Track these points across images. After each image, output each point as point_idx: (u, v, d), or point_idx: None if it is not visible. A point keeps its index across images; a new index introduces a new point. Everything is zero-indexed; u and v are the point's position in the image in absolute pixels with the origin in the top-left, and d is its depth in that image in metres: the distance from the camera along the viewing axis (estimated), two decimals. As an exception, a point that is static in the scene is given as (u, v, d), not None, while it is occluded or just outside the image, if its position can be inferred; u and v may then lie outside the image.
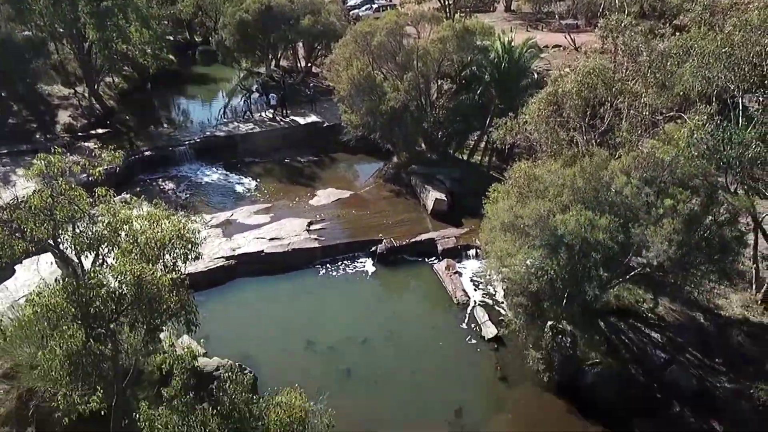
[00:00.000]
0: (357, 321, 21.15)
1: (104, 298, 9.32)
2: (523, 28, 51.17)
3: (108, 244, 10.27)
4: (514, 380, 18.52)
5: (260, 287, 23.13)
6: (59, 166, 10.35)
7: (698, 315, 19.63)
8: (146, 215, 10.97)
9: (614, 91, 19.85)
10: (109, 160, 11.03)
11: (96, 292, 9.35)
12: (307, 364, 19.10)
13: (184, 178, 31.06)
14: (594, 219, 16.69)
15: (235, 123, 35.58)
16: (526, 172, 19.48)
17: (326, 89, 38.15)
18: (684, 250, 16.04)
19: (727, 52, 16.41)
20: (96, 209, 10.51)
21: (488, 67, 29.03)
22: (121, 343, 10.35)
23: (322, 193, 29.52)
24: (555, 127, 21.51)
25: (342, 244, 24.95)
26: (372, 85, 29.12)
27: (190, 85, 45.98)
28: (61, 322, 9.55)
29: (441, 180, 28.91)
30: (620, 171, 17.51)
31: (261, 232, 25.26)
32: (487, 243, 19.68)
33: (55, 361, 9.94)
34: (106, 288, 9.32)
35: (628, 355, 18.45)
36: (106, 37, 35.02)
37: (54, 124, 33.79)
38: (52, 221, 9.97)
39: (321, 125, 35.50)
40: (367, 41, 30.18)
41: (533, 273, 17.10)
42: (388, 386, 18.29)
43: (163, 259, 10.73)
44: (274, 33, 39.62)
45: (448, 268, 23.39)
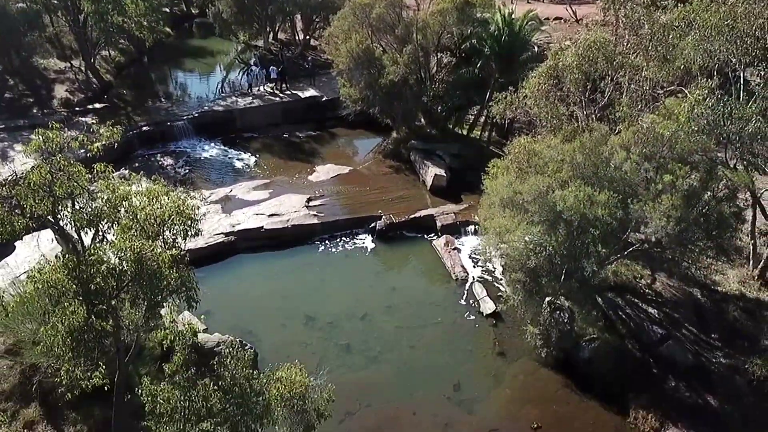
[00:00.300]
0: (356, 297, 21.28)
1: (105, 274, 9.35)
2: (524, 1, 50.49)
3: (107, 220, 10.27)
4: (511, 355, 18.71)
5: (260, 263, 23.22)
6: (57, 142, 10.29)
7: (695, 291, 19.77)
8: (145, 191, 10.95)
9: (615, 65, 19.65)
10: (108, 136, 10.95)
11: (96, 269, 9.39)
12: (307, 340, 19.28)
13: (183, 154, 30.93)
14: (593, 195, 16.69)
15: (233, 97, 35.29)
16: (525, 147, 19.41)
17: (325, 63, 37.77)
18: (682, 226, 16.06)
19: (729, 25, 16.20)
20: (95, 185, 10.47)
21: (488, 40, 28.70)
22: (122, 320, 10.42)
23: (321, 168, 29.43)
24: (555, 102, 21.36)
25: (341, 220, 24.98)
26: (371, 58, 28.82)
27: (187, 59, 45.50)
28: (62, 298, 9.61)
29: (440, 155, 28.82)
30: (620, 146, 17.45)
31: (260, 208, 25.25)
32: (486, 219, 19.67)
33: (57, 337, 10.03)
34: (107, 264, 9.35)
35: (624, 331, 18.63)
36: (102, 9, 34.46)
37: (51, 98, 33.53)
38: (51, 197, 9.95)
39: (320, 99, 35.25)
40: (366, 13, 29.76)
41: (532, 249, 17.13)
42: (388, 361, 18.49)
43: (162, 235, 10.76)
44: (272, 5, 39.07)
45: (447, 244, 23.46)
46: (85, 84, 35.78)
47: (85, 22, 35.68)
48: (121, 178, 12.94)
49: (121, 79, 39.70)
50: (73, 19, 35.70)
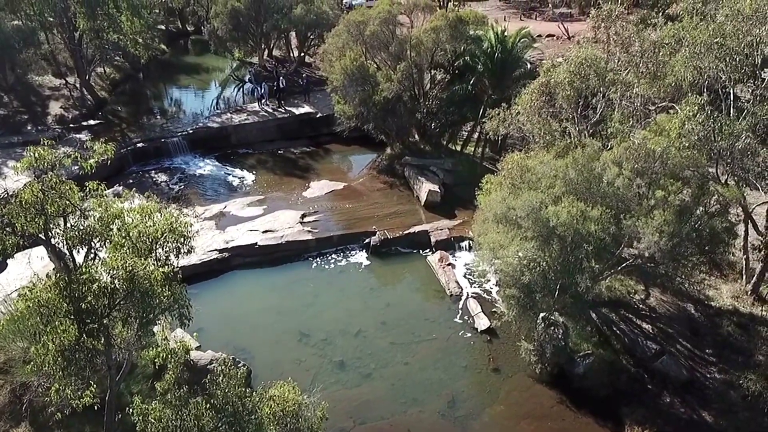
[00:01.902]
0: (351, 313, 21.21)
1: (97, 293, 9.30)
2: (516, 18, 51.09)
3: (100, 238, 10.24)
4: (506, 371, 18.65)
5: (254, 280, 23.15)
6: (49, 160, 10.29)
7: (689, 306, 19.80)
8: (138, 208, 10.93)
9: (606, 82, 19.82)
10: (101, 152, 10.95)
11: (88, 287, 9.34)
12: (301, 356, 19.18)
13: (177, 170, 30.94)
14: (586, 210, 16.77)
15: (228, 114, 35.41)
16: (518, 163, 19.54)
17: (319, 79, 37.99)
18: (675, 241, 16.13)
19: (719, 42, 16.40)
20: (87, 203, 10.45)
21: (481, 57, 28.95)
22: (114, 338, 10.35)
23: (315, 184, 29.48)
24: (547, 118, 21.50)
25: (335, 236, 24.96)
26: (365, 75, 29.04)
27: (183, 75, 45.72)
28: (53, 317, 9.55)
29: (434, 171, 28.93)
30: (612, 162, 17.56)
31: (254, 225, 25.24)
32: (479, 235, 19.71)
33: (48, 355, 9.94)
34: (99, 283, 9.31)
35: (619, 346, 18.60)
36: (97, 27, 34.75)
37: (45, 115, 33.56)
38: (43, 215, 9.92)
39: (314, 116, 35.38)
40: (360, 31, 30.04)
41: (525, 264, 17.15)
42: (382, 377, 18.39)
43: (155, 253, 10.73)
44: (267, 22, 39.36)
45: (442, 260, 23.46)
46: (79, 101, 35.86)
47: (81, 39, 35.88)
48: (114, 195, 12.94)
49: (116, 95, 39.81)
50: (69, 37, 35.89)
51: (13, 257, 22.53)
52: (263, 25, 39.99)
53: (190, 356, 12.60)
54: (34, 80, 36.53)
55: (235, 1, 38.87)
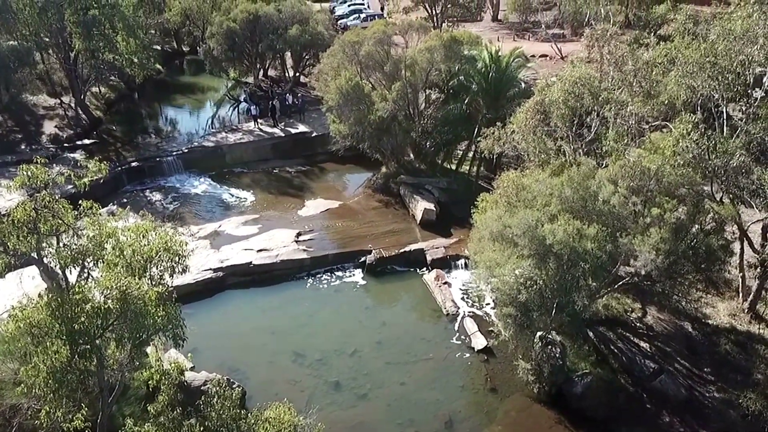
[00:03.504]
0: (346, 332, 21.02)
1: (90, 313, 9.15)
2: (509, 38, 51.54)
3: (93, 257, 10.12)
4: (504, 391, 18.46)
5: (249, 299, 22.96)
6: (42, 178, 10.19)
7: (686, 324, 19.71)
8: (133, 228, 10.82)
9: (600, 100, 19.96)
10: (95, 171, 10.86)
11: (81, 308, 9.19)
12: (296, 377, 18.95)
13: (172, 189, 30.83)
14: (582, 228, 16.76)
15: (223, 133, 35.44)
16: (514, 181, 19.58)
17: (314, 99, 38.12)
18: (671, 259, 16.14)
19: (711, 61, 16.56)
20: (81, 222, 10.34)
21: (476, 77, 29.13)
22: (107, 359, 10.17)
23: (310, 203, 29.42)
24: (542, 137, 21.59)
25: (331, 254, 24.85)
26: (360, 94, 29.11)
27: (178, 95, 45.81)
28: (45, 338, 9.38)
29: (429, 190, 28.94)
30: (608, 180, 17.62)
31: (249, 244, 25.10)
32: (475, 253, 19.67)
33: (39, 377, 9.74)
34: (92, 303, 9.16)
35: (617, 365, 18.48)
36: (93, 47, 34.86)
37: (40, 134, 33.50)
38: (35, 235, 9.80)
39: (309, 135, 35.44)
40: (355, 51, 30.25)
41: (522, 283, 17.09)
42: (378, 398, 18.17)
43: (149, 272, 10.61)
44: (262, 42, 39.56)
45: (438, 278, 23.34)
46: (74, 120, 35.83)
47: (76, 58, 35.96)
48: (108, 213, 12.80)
49: (111, 115, 39.83)
50: (64, 57, 35.97)
51: (4, 277, 22.37)
52: (258, 46, 40.19)
53: (184, 377, 12.37)
54: (28, 100, 36.50)
55: (230, 22, 39.09)
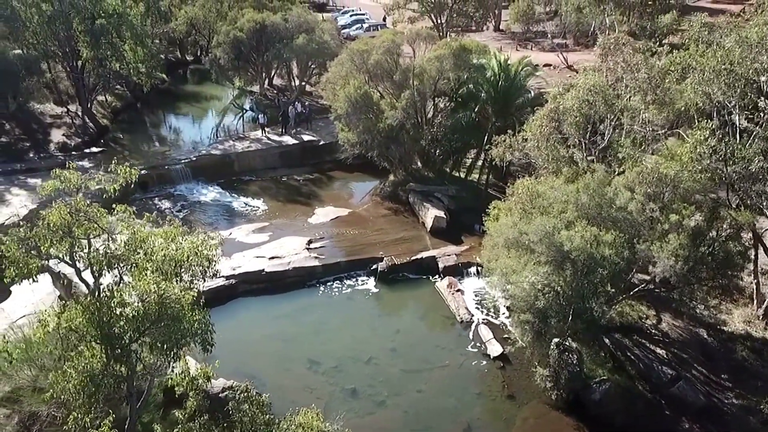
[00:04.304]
0: (360, 340, 20.98)
1: (129, 317, 9.11)
2: (512, 48, 51.86)
3: (126, 262, 10.10)
4: (521, 398, 18.41)
5: (261, 306, 22.90)
6: (75, 182, 10.19)
7: (701, 331, 19.73)
8: (162, 232, 10.82)
9: (614, 108, 20.07)
10: (125, 176, 10.88)
11: (121, 311, 9.15)
12: (312, 384, 18.89)
13: (181, 197, 30.82)
14: (599, 235, 16.82)
15: (230, 141, 35.51)
16: (529, 188, 19.64)
17: (320, 108, 38.25)
18: (690, 264, 16.18)
19: (726, 69, 16.68)
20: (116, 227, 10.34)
21: (485, 85, 29.28)
22: (141, 363, 10.12)
23: (320, 211, 29.44)
24: (555, 144, 21.68)
25: (343, 262, 24.83)
26: (369, 103, 29.22)
27: (183, 104, 45.91)
28: (81, 342, 9.34)
29: (439, 198, 28.98)
30: (624, 187, 17.70)
31: (261, 251, 25.07)
32: (489, 260, 19.69)
33: (71, 383, 9.68)
34: (132, 307, 9.12)
35: (634, 372, 18.46)
36: (101, 55, 35.00)
37: (47, 142, 33.52)
38: (69, 239, 9.79)
39: (317, 144, 35.53)
40: (364, 59, 30.34)
41: (540, 289, 17.12)
42: (396, 405, 18.11)
43: (180, 276, 10.59)
44: (269, 51, 39.72)
45: (450, 286, 23.33)
46: (81, 128, 35.87)
47: (83, 67, 36.06)
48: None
49: (117, 123, 39.88)
50: (71, 65, 36.08)
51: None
52: (265, 54, 40.35)
53: (210, 383, 12.32)
54: (35, 108, 36.52)
55: (237, 31, 39.25)
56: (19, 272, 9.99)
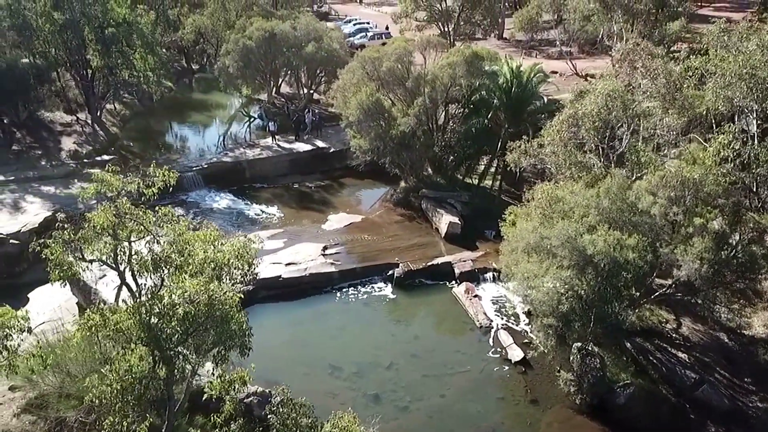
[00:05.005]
0: (380, 345, 20.96)
1: (179, 317, 9.09)
2: (517, 56, 52.10)
3: (171, 264, 10.10)
4: (544, 403, 18.37)
5: (279, 312, 22.86)
6: (116, 185, 10.22)
7: (722, 335, 19.75)
8: (201, 235, 10.84)
9: (632, 113, 20.18)
10: (163, 179, 10.91)
11: (172, 312, 9.13)
12: (334, 389, 18.83)
13: (193, 204, 30.83)
14: (621, 239, 16.88)
15: (241, 149, 35.61)
16: (548, 193, 19.71)
17: (329, 116, 38.37)
18: (715, 268, 16.23)
19: (749, 73, 16.80)
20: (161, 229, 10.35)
21: (497, 92, 29.41)
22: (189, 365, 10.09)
23: (333, 217, 29.47)
24: (572, 149, 21.76)
25: (359, 268, 24.83)
26: (380, 110, 29.34)
27: (190, 112, 45.97)
28: (128, 344, 9.32)
29: (452, 204, 29.02)
30: (646, 191, 17.76)
31: (277, 257, 25.05)
32: (508, 265, 19.72)
33: (113, 386, 9.65)
34: (183, 308, 9.10)
35: (657, 376, 18.45)
36: (111, 64, 35.13)
37: (59, 150, 33.53)
38: (114, 241, 9.80)
39: (327, 151, 35.61)
40: (375, 67, 30.47)
41: (563, 293, 17.13)
42: (419, 410, 18.07)
43: (221, 280, 10.59)
44: (278, 59, 39.84)
45: (468, 291, 23.33)
46: (92, 136, 35.92)
47: (93, 76, 36.17)
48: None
49: (127, 131, 39.93)
50: (81, 74, 36.18)
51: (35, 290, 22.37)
52: (273, 62, 40.47)
53: (246, 387, 12.29)
54: (45, 116, 36.56)
55: (246, 39, 39.35)
56: (64, 274, 9.99)
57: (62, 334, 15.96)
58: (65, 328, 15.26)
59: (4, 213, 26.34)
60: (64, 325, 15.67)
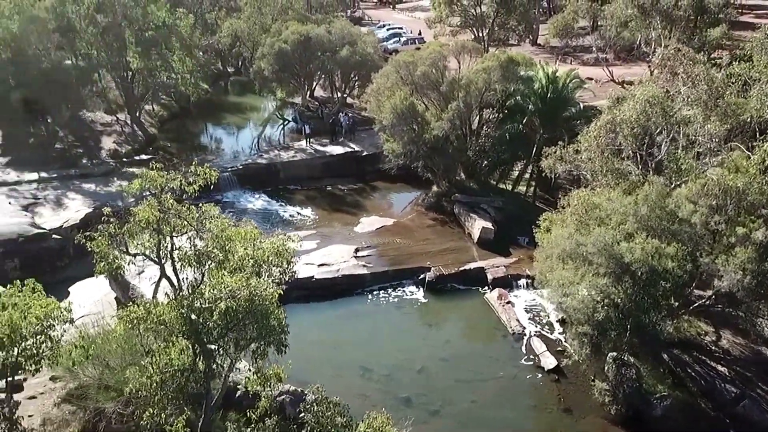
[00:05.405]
0: (411, 348, 20.91)
1: (221, 311, 9.23)
2: (553, 62, 51.65)
3: (213, 259, 10.27)
4: (578, 412, 18.09)
5: (311, 313, 22.98)
6: (160, 183, 10.43)
7: (764, 349, 19.21)
8: (242, 232, 11.00)
9: (673, 120, 19.83)
10: (204, 177, 11.10)
11: (215, 306, 9.28)
12: (365, 391, 18.85)
13: (228, 204, 31.24)
14: (660, 247, 16.57)
15: (276, 151, 36.05)
16: (584, 200, 19.45)
17: (362, 119, 38.56)
18: (758, 279, 15.82)
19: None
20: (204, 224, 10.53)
21: (532, 97, 29.21)
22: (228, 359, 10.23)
23: (365, 220, 29.59)
24: (609, 156, 21.46)
25: (390, 270, 24.86)
26: (414, 114, 29.37)
27: (225, 114, 46.66)
28: (171, 338, 9.49)
29: (485, 209, 28.83)
30: (686, 199, 17.43)
31: (309, 258, 25.22)
32: (542, 272, 19.51)
33: (153, 377, 9.83)
34: (226, 302, 9.25)
35: (695, 389, 18.03)
36: (150, 66, 35.89)
37: (99, 149, 34.39)
38: (158, 235, 10.01)
39: (360, 154, 35.80)
40: (410, 71, 30.54)
41: (599, 301, 16.89)
42: (450, 415, 17.97)
43: (260, 276, 10.72)
44: (313, 63, 40.21)
45: (500, 297, 23.14)
46: (131, 136, 36.76)
47: (133, 77, 37.00)
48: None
49: (164, 132, 40.73)
50: (121, 75, 37.04)
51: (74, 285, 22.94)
52: (308, 66, 40.85)
53: (281, 384, 12.39)
54: (87, 116, 37.51)
55: (282, 43, 39.79)
56: (109, 267, 10.23)
57: (102, 327, 16.33)
58: (105, 321, 15.60)
59: (46, 209, 27.09)
60: (104, 318, 16.03)
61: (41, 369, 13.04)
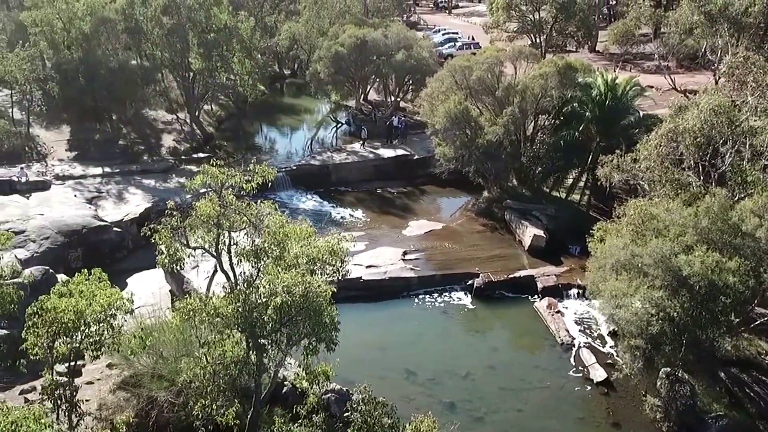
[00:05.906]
0: (456, 354, 20.82)
1: (276, 306, 9.46)
2: (612, 69, 50.48)
3: (270, 255, 10.52)
4: (627, 427, 17.64)
5: (357, 314, 23.08)
6: (221, 179, 10.75)
7: (830, 372, 18.27)
8: (297, 230, 11.22)
9: (738, 130, 19.12)
10: (262, 174, 11.39)
11: (267, 303, 9.52)
12: (410, 394, 18.87)
13: (281, 204, 31.57)
14: (721, 261, 16.00)
15: (328, 153, 36.55)
16: (642, 210, 18.96)
17: (414, 123, 38.62)
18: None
19: None
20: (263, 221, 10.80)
21: (589, 104, 28.64)
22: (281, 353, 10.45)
23: (414, 223, 29.63)
24: (669, 166, 20.86)
25: (438, 275, 24.83)
26: (468, 118, 29.26)
27: (280, 115, 47.56)
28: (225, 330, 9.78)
29: (537, 216, 28.44)
30: (752, 212, 16.79)
31: (358, 259, 25.40)
32: (594, 282, 19.11)
33: (207, 368, 10.12)
34: (281, 297, 9.47)
35: (754, 410, 17.33)
36: (211, 67, 36.93)
37: (159, 146, 35.66)
38: (217, 230, 10.33)
39: (411, 158, 35.89)
40: (465, 75, 30.46)
41: (653, 314, 16.43)
42: (495, 423, 17.82)
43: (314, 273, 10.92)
44: (368, 66, 40.54)
45: (550, 306, 22.78)
46: (189, 135, 37.93)
47: (194, 78, 38.16)
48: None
49: (221, 131, 41.85)
50: (183, 75, 38.25)
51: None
52: (363, 69, 41.20)
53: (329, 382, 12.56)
54: (148, 114, 38.91)
55: (338, 46, 40.27)
56: (171, 259, 10.62)
57: (158, 317, 16.92)
58: (162, 312, 16.16)
59: (108, 202, 28.27)
60: (161, 309, 16.61)
61: (101, 356, 13.62)
